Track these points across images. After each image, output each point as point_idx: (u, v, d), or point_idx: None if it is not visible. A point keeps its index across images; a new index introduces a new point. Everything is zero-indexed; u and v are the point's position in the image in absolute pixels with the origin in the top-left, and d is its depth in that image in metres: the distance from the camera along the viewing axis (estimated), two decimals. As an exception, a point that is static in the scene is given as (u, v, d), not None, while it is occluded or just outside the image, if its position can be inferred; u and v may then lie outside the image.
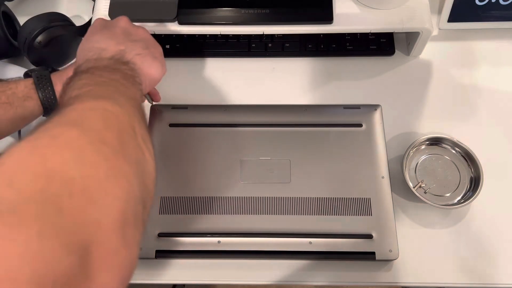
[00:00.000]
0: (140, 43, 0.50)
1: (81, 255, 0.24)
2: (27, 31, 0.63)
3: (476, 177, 0.58)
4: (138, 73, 0.46)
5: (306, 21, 0.64)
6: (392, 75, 0.68)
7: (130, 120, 0.34)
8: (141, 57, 0.48)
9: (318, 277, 0.55)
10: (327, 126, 0.61)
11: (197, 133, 0.61)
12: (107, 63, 0.44)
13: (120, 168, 0.29)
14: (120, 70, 0.44)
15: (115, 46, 0.47)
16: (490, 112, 0.65)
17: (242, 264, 0.56)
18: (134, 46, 0.49)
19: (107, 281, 0.26)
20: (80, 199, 0.25)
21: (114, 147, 0.30)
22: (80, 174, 0.26)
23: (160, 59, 0.51)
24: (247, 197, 0.56)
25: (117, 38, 0.49)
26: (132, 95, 0.40)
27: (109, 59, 0.45)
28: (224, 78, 0.69)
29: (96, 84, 0.38)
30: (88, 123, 0.30)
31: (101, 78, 0.40)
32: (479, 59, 0.69)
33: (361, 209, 0.56)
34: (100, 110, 0.33)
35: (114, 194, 0.27)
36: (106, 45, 0.47)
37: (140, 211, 0.30)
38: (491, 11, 0.68)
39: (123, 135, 0.32)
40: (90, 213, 0.25)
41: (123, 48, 0.48)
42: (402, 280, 0.55)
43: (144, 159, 0.33)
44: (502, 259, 0.56)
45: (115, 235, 0.27)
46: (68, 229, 0.24)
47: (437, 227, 0.58)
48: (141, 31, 0.52)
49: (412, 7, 0.63)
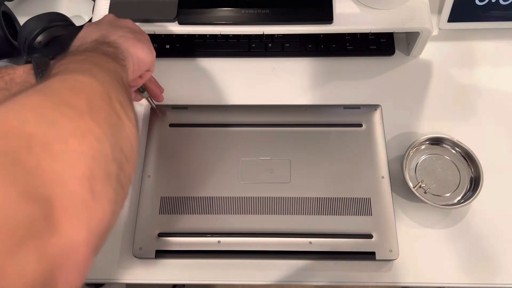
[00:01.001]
0: (124, 28, 0.50)
1: (43, 206, 0.24)
2: (27, 31, 0.63)
3: (476, 177, 0.58)
4: (121, 50, 0.46)
5: (306, 21, 0.64)
6: (392, 75, 0.68)
7: (104, 87, 0.34)
8: (124, 38, 0.48)
9: (318, 277, 0.55)
10: (327, 126, 0.61)
11: (197, 133, 0.61)
12: (89, 45, 0.44)
13: (87, 127, 0.29)
14: (101, 48, 0.44)
15: (98, 32, 0.48)
16: (490, 112, 0.65)
17: (242, 264, 0.56)
18: (117, 30, 0.49)
19: (73, 233, 0.25)
20: (39, 153, 0.25)
21: (80, 109, 0.30)
22: (41, 131, 0.26)
23: (146, 43, 0.51)
24: (247, 197, 0.56)
25: (100, 26, 0.49)
26: (111, 68, 0.39)
27: (91, 42, 0.45)
28: (224, 78, 0.69)
29: (73, 61, 0.38)
30: (53, 90, 0.30)
31: (81, 56, 0.40)
32: (479, 59, 0.69)
33: (361, 209, 0.56)
34: (70, 81, 0.32)
35: (79, 150, 0.27)
36: (89, 33, 0.48)
37: (114, 171, 0.30)
38: (491, 11, 0.68)
39: (93, 100, 0.31)
40: (51, 167, 0.25)
41: (105, 33, 0.48)
42: (402, 280, 0.55)
43: (120, 123, 0.33)
44: (502, 259, 0.56)
45: (80, 188, 0.26)
46: (26, 180, 0.24)
47: (437, 227, 0.58)
48: (126, 21, 0.53)
49: (412, 7, 0.63)
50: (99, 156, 0.29)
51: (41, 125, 0.27)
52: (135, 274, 0.56)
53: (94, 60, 0.39)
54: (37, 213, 0.24)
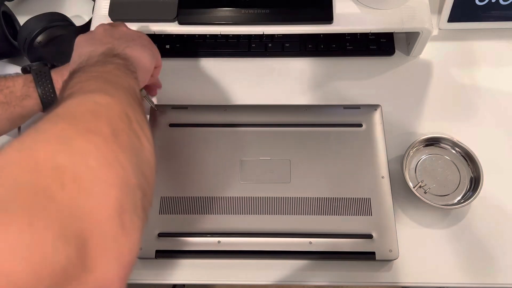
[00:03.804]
0: (125, 37, 0.50)
1: (78, 245, 0.24)
2: (27, 31, 0.63)
3: (476, 177, 0.58)
4: (131, 62, 0.45)
5: (306, 21, 0.64)
6: (392, 75, 0.68)
7: (123, 107, 0.33)
8: (130, 48, 0.47)
9: (318, 277, 0.55)
10: (327, 126, 0.61)
11: (197, 133, 0.61)
12: (98, 59, 0.44)
13: (113, 155, 0.29)
14: (111, 62, 0.43)
15: (103, 46, 0.47)
16: (490, 112, 0.65)
17: (242, 264, 0.56)
18: (121, 41, 0.48)
19: (107, 270, 0.25)
20: (72, 189, 0.25)
21: (105, 135, 0.29)
22: (70, 163, 0.26)
23: (149, 46, 0.51)
24: (247, 197, 0.56)
25: (101, 39, 0.49)
26: (125, 84, 0.39)
27: (99, 55, 0.45)
28: (224, 78, 0.69)
29: (87, 79, 0.38)
30: (75, 116, 0.30)
31: (93, 73, 0.39)
32: (479, 59, 0.69)
33: (361, 209, 0.56)
34: (89, 104, 0.32)
35: (108, 181, 0.27)
36: (94, 47, 0.47)
37: (139, 197, 0.30)
38: (491, 11, 0.68)
39: (115, 123, 0.31)
40: (84, 202, 0.25)
41: (111, 46, 0.47)
42: (402, 280, 0.55)
43: (140, 145, 0.33)
44: (502, 259, 0.56)
45: (111, 223, 0.26)
46: (61, 220, 0.23)
47: (437, 227, 0.58)
48: (121, 28, 0.52)
49: (412, 7, 0.63)
50: (126, 186, 0.28)
51: (70, 156, 0.26)
52: (135, 274, 0.56)
53: (107, 77, 0.39)
54: (73, 253, 0.23)
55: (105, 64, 0.42)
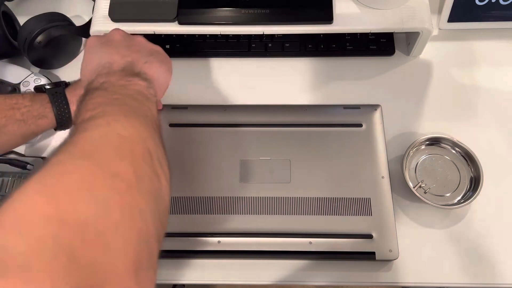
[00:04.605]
0: (144, 51, 0.49)
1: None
2: (27, 31, 0.63)
3: (476, 177, 0.58)
4: (150, 81, 0.45)
5: (306, 21, 0.64)
6: (392, 75, 0.68)
7: (145, 142, 0.33)
8: (149, 65, 0.47)
9: (318, 277, 0.55)
10: (327, 126, 0.61)
11: (197, 133, 0.61)
12: (119, 75, 0.44)
13: (135, 204, 0.29)
14: (133, 83, 0.43)
15: (122, 59, 0.47)
16: (490, 112, 0.65)
17: (242, 264, 0.56)
18: (140, 56, 0.48)
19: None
20: (93, 245, 0.25)
21: (128, 179, 0.29)
22: (93, 216, 0.26)
23: (166, 62, 0.51)
24: (247, 197, 0.56)
25: (120, 51, 0.48)
26: (148, 112, 0.39)
27: (121, 71, 0.44)
28: (224, 78, 0.69)
29: (109, 103, 0.37)
30: (100, 154, 0.30)
31: (115, 95, 0.39)
32: (479, 59, 0.69)
33: (361, 209, 0.56)
34: (113, 137, 0.32)
35: (129, 236, 0.27)
36: (112, 59, 0.46)
37: (155, 248, 0.30)
38: (491, 11, 0.68)
39: (137, 163, 0.31)
40: (104, 257, 0.25)
41: (130, 60, 0.47)
42: (402, 280, 0.55)
43: (159, 186, 0.33)
44: (502, 259, 0.56)
45: (128, 279, 0.26)
46: (80, 276, 0.23)
47: (437, 227, 0.58)
48: (139, 40, 0.51)
49: (412, 7, 0.63)
50: (145, 239, 0.29)
51: (94, 208, 0.26)
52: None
53: (130, 103, 0.39)
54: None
55: (127, 86, 0.42)
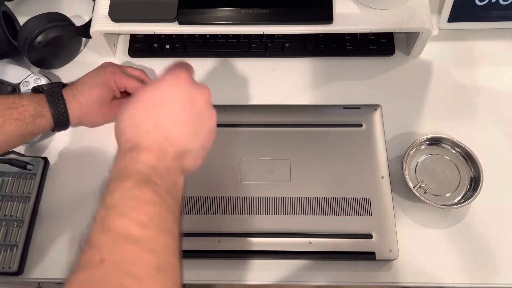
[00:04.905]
0: (202, 139, 0.40)
1: None
2: (27, 31, 0.63)
3: (476, 177, 0.58)
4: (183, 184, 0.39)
5: (306, 21, 0.64)
6: (392, 75, 0.68)
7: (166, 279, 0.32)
8: (195, 163, 0.40)
9: (318, 277, 0.55)
10: (327, 126, 0.61)
11: (197, 133, 0.61)
12: (169, 166, 0.36)
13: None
14: (177, 184, 0.37)
15: (183, 141, 0.38)
16: (490, 112, 0.65)
17: (242, 264, 0.56)
18: (197, 145, 0.39)
19: None
20: None
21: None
22: None
23: (207, 149, 0.42)
24: (247, 197, 0.56)
25: (188, 125, 0.39)
26: (173, 229, 0.37)
27: (173, 160, 0.37)
28: (224, 78, 0.69)
29: (140, 199, 0.33)
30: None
31: (153, 206, 0.34)
32: (479, 59, 0.69)
33: (361, 209, 0.56)
34: (143, 269, 0.31)
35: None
36: (176, 134, 0.37)
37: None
38: (491, 11, 0.68)
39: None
40: None
41: (188, 147, 0.38)
42: (402, 280, 0.55)
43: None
44: (502, 259, 0.56)
45: None
46: None
47: (437, 227, 0.58)
48: (211, 116, 0.41)
49: (412, 7, 0.63)
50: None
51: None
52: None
53: (162, 222, 0.35)
54: None
55: (171, 188, 0.36)
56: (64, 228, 0.58)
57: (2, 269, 0.55)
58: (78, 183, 0.61)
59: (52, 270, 0.56)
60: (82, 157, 0.63)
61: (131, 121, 0.37)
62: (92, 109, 0.57)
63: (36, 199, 0.59)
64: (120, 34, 0.72)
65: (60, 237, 0.58)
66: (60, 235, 0.58)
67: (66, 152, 0.63)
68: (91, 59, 0.71)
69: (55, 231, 0.58)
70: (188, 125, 0.38)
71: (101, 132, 0.64)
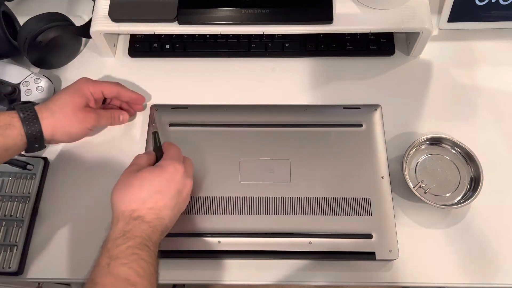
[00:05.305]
0: (179, 214, 0.52)
1: None
2: (27, 31, 0.63)
3: (476, 177, 0.58)
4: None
5: (306, 21, 0.64)
6: (392, 75, 0.68)
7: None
8: (173, 222, 0.51)
9: (318, 277, 0.55)
10: (327, 126, 0.61)
11: (197, 133, 0.61)
12: (157, 238, 0.47)
13: None
14: (158, 247, 0.48)
15: (170, 220, 0.50)
16: (490, 112, 0.65)
17: (242, 264, 0.56)
18: (175, 220, 0.51)
19: None
20: None
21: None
22: None
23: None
24: (247, 197, 0.56)
25: (175, 209, 0.50)
26: (156, 283, 0.45)
27: (160, 234, 0.48)
28: (224, 78, 0.69)
29: (139, 274, 0.43)
30: None
31: (147, 264, 0.44)
32: (479, 59, 0.69)
33: (361, 209, 0.56)
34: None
35: None
36: (166, 215, 0.49)
37: None
38: (491, 11, 0.68)
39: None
40: None
41: (170, 225, 0.50)
42: (402, 280, 0.55)
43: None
44: (502, 259, 0.56)
45: None
46: None
47: (437, 227, 0.58)
48: (187, 200, 0.53)
49: (412, 7, 0.63)
50: None
51: None
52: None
53: (152, 272, 0.44)
54: None
55: (153, 254, 0.46)
56: (64, 228, 0.58)
57: (2, 269, 0.55)
58: (78, 183, 0.61)
59: (52, 270, 0.56)
60: (82, 157, 0.63)
61: (140, 195, 0.48)
62: (65, 115, 0.55)
63: (36, 199, 0.59)
64: (120, 34, 0.72)
65: (60, 237, 0.58)
66: (60, 235, 0.58)
67: (66, 152, 0.63)
68: (91, 59, 0.71)
69: (55, 231, 0.58)
70: (175, 209, 0.50)
71: (101, 132, 0.64)
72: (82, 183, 0.61)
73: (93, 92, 0.58)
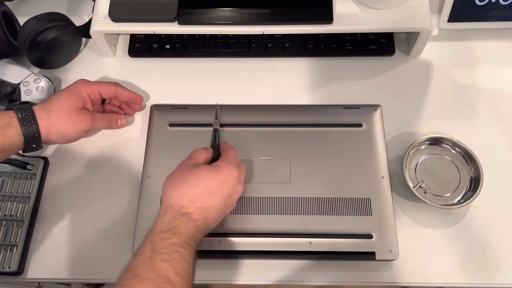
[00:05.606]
0: (223, 217, 0.52)
1: None
2: (27, 31, 0.63)
3: (476, 177, 0.58)
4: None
5: (306, 21, 0.64)
6: (392, 75, 0.68)
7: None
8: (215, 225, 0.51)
9: (318, 277, 0.55)
10: (327, 126, 0.61)
11: (197, 133, 0.61)
12: (199, 237, 0.47)
13: None
14: (196, 248, 0.47)
15: (214, 222, 0.50)
16: (490, 112, 0.65)
17: (242, 264, 0.56)
18: (218, 222, 0.51)
19: None
20: None
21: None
22: None
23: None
24: (247, 197, 0.56)
25: (221, 212, 0.50)
26: (192, 284, 0.45)
27: (202, 233, 0.48)
28: (224, 78, 0.69)
29: (179, 273, 0.42)
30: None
31: (187, 264, 0.44)
32: (479, 59, 0.69)
33: (361, 209, 0.56)
34: None
35: None
36: (211, 217, 0.49)
37: None
38: (491, 11, 0.68)
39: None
40: None
41: (213, 226, 0.50)
42: (402, 280, 0.55)
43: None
44: (502, 259, 0.56)
45: None
46: None
47: (437, 227, 0.58)
48: (234, 204, 0.53)
49: (412, 7, 0.63)
50: None
51: None
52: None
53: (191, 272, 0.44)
54: None
55: (193, 250, 0.46)
56: (64, 228, 0.58)
57: (2, 269, 0.55)
58: (78, 183, 0.61)
59: (52, 270, 0.56)
60: (82, 157, 0.63)
61: (191, 192, 0.48)
62: (60, 117, 0.55)
63: (36, 199, 0.59)
64: (120, 34, 0.72)
65: (60, 237, 0.58)
66: (60, 235, 0.58)
67: (66, 152, 0.63)
68: (91, 59, 0.71)
69: (55, 231, 0.58)
70: (221, 212, 0.50)
71: (101, 132, 0.64)
72: (82, 183, 0.61)
73: (90, 93, 0.59)
